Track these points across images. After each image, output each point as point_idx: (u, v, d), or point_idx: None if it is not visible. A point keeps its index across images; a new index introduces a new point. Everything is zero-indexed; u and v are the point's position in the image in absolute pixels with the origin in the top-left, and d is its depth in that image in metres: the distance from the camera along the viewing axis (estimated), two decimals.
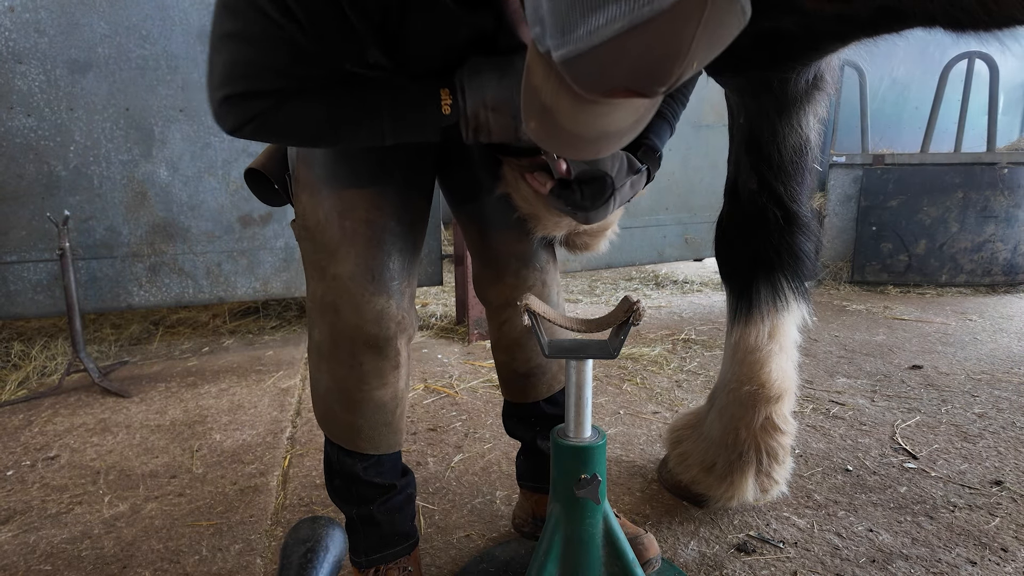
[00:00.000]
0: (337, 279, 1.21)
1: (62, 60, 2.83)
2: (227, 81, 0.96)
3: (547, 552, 1.15)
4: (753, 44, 1.31)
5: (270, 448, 2.21)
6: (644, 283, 5.04)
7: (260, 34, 0.92)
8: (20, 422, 2.48)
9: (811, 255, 1.65)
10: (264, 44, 0.93)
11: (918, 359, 3.04)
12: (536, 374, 1.49)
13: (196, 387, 2.83)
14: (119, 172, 3.00)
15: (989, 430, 2.25)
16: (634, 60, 0.66)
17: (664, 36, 0.64)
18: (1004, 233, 4.47)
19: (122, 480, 2.01)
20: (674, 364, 3.04)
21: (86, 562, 1.60)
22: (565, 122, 0.80)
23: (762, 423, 1.63)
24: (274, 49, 0.93)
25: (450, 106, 1.03)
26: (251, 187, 1.38)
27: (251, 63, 0.95)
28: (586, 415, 1.14)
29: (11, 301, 2.93)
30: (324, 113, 1.02)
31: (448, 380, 2.86)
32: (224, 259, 3.23)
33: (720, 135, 4.34)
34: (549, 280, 1.44)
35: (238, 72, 0.96)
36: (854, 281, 4.74)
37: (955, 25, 0.95)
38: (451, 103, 1.03)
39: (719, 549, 1.59)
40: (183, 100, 3.04)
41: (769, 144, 1.58)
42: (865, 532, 1.65)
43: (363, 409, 1.28)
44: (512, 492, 1.88)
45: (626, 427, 2.34)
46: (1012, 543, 1.60)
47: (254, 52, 0.94)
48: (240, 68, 0.96)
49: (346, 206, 1.20)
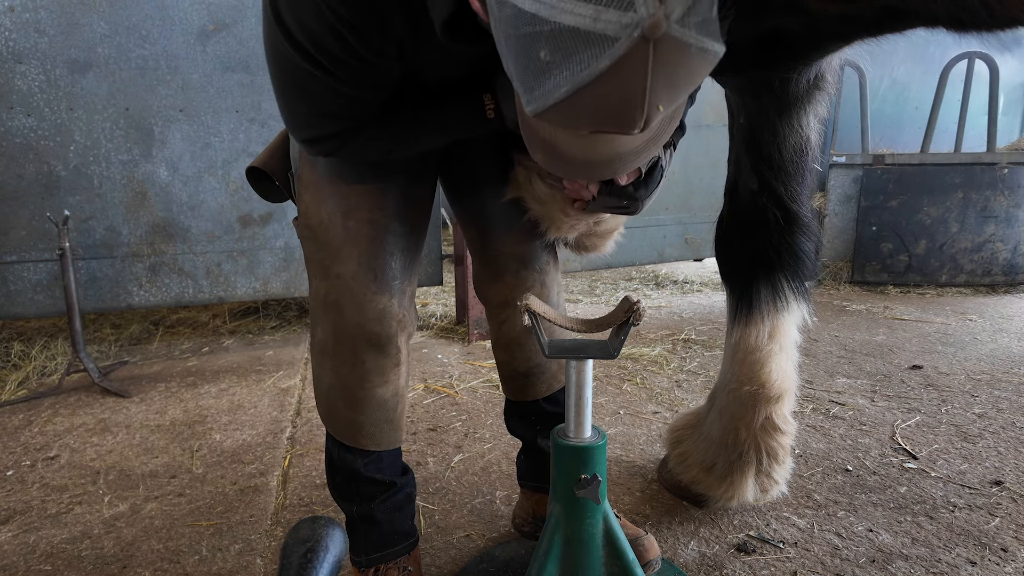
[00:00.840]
0: (340, 278, 1.22)
1: (62, 60, 2.82)
2: (296, 129, 1.08)
3: (547, 552, 1.15)
4: (755, 44, 1.31)
5: (270, 448, 2.21)
6: (644, 283, 5.04)
7: (305, 87, 0.99)
8: (20, 422, 2.48)
9: (811, 255, 1.64)
10: (311, 96, 1.01)
11: (918, 359, 3.04)
12: (536, 373, 1.49)
13: (196, 387, 2.83)
14: (119, 172, 2.99)
15: (989, 430, 2.25)
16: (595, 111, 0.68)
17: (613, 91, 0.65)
18: (1004, 233, 4.48)
19: (122, 480, 2.01)
20: (674, 364, 3.04)
21: (86, 562, 1.60)
22: (570, 152, 0.82)
23: (762, 423, 1.63)
24: (321, 99, 1.01)
25: (493, 110, 1.10)
26: (252, 184, 1.38)
27: (309, 113, 1.04)
28: (586, 415, 1.14)
29: (11, 301, 2.93)
30: (386, 138, 1.11)
31: (448, 380, 2.86)
32: (224, 259, 3.23)
33: (720, 135, 4.34)
34: (548, 281, 1.44)
35: (300, 122, 1.07)
36: (854, 281, 4.74)
37: (958, 25, 0.95)
38: (494, 107, 1.10)
39: (719, 549, 1.59)
40: (183, 100, 3.04)
41: (769, 144, 1.58)
42: (865, 532, 1.65)
43: (365, 406, 1.29)
44: (512, 492, 1.88)
45: (626, 427, 2.34)
46: (1012, 543, 1.60)
47: (305, 105, 1.03)
48: (301, 119, 1.06)
49: (349, 206, 1.21)
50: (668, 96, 0.68)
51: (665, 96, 0.67)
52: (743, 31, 1.30)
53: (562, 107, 0.68)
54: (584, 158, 0.83)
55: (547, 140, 0.82)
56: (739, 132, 1.64)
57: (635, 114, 0.67)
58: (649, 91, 0.64)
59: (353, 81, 0.98)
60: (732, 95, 1.66)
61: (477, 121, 1.11)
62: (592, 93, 0.65)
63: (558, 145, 0.81)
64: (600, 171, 0.89)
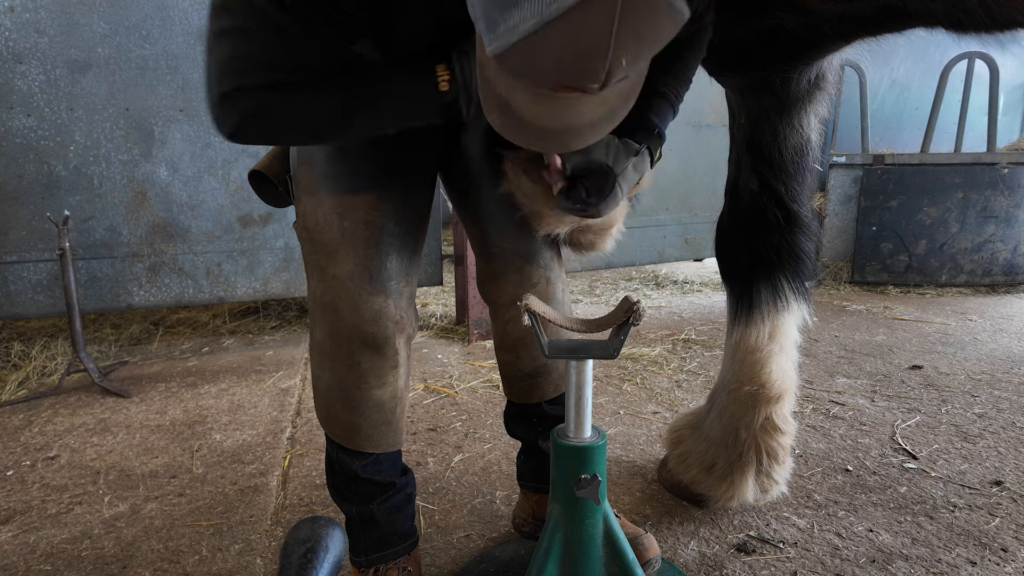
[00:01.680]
0: (336, 279, 1.22)
1: (62, 60, 2.83)
2: (222, 77, 0.95)
3: (547, 552, 1.15)
4: (756, 43, 1.31)
5: (270, 448, 2.21)
6: (644, 283, 5.04)
7: (253, 27, 0.90)
8: (20, 422, 2.48)
9: (811, 255, 1.65)
10: (257, 37, 0.91)
11: (918, 359, 3.04)
12: (542, 374, 1.48)
13: (196, 387, 2.83)
14: (119, 172, 2.99)
15: (989, 430, 2.25)
16: (557, 55, 0.68)
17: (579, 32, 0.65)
18: (1004, 233, 4.48)
19: (122, 480, 2.01)
20: (674, 364, 3.04)
21: (86, 562, 1.60)
22: (525, 115, 0.81)
23: (762, 423, 1.63)
24: (267, 42, 0.92)
25: (448, 82, 0.99)
26: (255, 188, 1.38)
27: (245, 58, 0.93)
28: (586, 415, 1.14)
29: (11, 301, 2.93)
30: (320, 105, 0.99)
31: (448, 380, 2.86)
32: (224, 259, 3.23)
33: (720, 135, 4.35)
34: (553, 277, 1.43)
35: (234, 67, 0.94)
36: (854, 281, 4.74)
37: (957, 26, 0.95)
38: (448, 79, 0.99)
39: (719, 549, 1.59)
40: (183, 100, 3.04)
41: (770, 144, 1.58)
42: (865, 532, 1.65)
43: (362, 408, 1.29)
44: (512, 492, 1.88)
45: (626, 427, 2.34)
46: (1012, 543, 1.60)
47: (247, 46, 0.92)
48: (236, 63, 0.94)
49: (346, 207, 1.21)
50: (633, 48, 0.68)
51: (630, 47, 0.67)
52: (744, 31, 1.31)
53: (524, 46, 0.67)
54: (538, 123, 0.81)
55: (503, 99, 0.80)
56: (740, 132, 1.65)
57: (597, 62, 0.67)
58: (615, 36, 0.64)
59: (309, 21, 0.91)
60: (733, 95, 1.66)
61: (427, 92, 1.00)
62: (557, 31, 0.64)
63: (514, 105, 0.80)
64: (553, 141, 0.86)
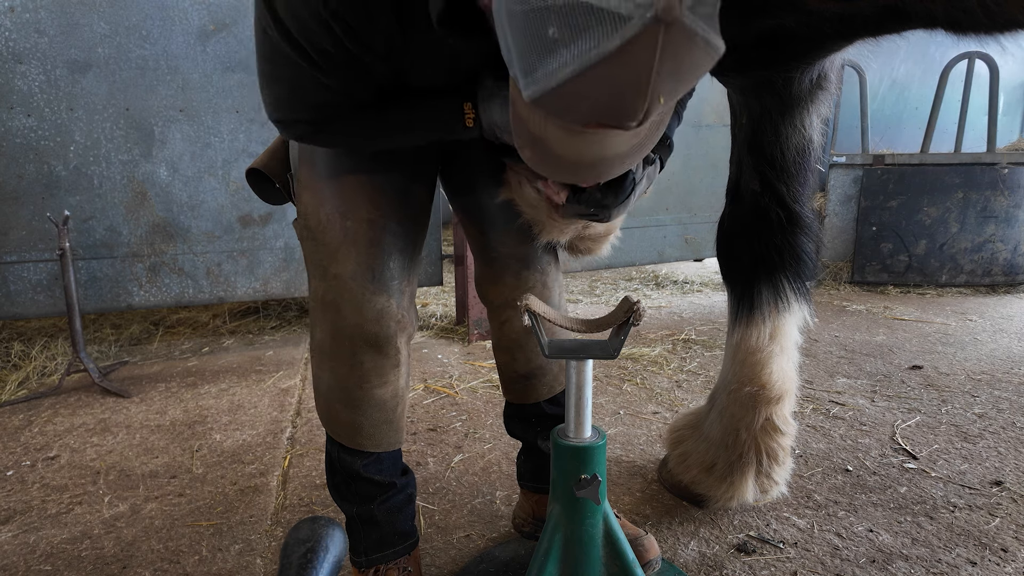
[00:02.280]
0: (338, 278, 1.22)
1: (62, 60, 2.82)
2: (271, 110, 1.09)
3: (547, 552, 1.15)
4: (757, 43, 1.31)
5: (270, 448, 2.21)
6: (644, 283, 5.04)
7: (288, 74, 1.01)
8: (20, 422, 2.48)
9: (813, 256, 1.64)
10: (293, 83, 1.03)
11: (918, 359, 3.04)
12: (537, 375, 1.49)
13: (196, 387, 2.83)
14: (119, 172, 2.99)
15: (989, 430, 2.25)
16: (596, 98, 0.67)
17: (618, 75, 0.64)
18: (1004, 233, 4.47)
19: (122, 480, 2.01)
20: (674, 364, 3.04)
21: (86, 562, 1.60)
22: (558, 149, 0.81)
23: (762, 424, 1.63)
24: (303, 88, 1.03)
25: (473, 120, 1.09)
26: (252, 185, 1.38)
27: (287, 99, 1.07)
28: (586, 415, 1.14)
29: (11, 301, 2.93)
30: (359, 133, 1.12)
31: (448, 380, 2.86)
32: (224, 259, 3.23)
33: (720, 135, 4.35)
34: (550, 282, 1.44)
35: (281, 104, 1.08)
36: (854, 281, 4.74)
37: (956, 27, 0.95)
38: (474, 116, 1.09)
39: (719, 549, 1.59)
40: (183, 100, 3.04)
41: (772, 144, 1.58)
42: (865, 532, 1.65)
43: (364, 407, 1.29)
44: (512, 492, 1.88)
45: (626, 427, 2.34)
46: (1012, 543, 1.59)
47: (286, 90, 1.06)
48: (282, 102, 1.08)
49: (348, 206, 1.21)
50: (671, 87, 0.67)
51: (668, 86, 0.66)
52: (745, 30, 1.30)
53: (563, 91, 0.66)
54: (572, 158, 0.82)
55: (537, 136, 0.81)
56: (741, 132, 1.64)
57: (637, 102, 0.66)
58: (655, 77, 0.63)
59: (338, 76, 0.99)
60: (734, 95, 1.66)
61: (453, 127, 1.11)
62: (597, 75, 0.64)
63: (547, 141, 0.80)
64: (585, 173, 0.88)
